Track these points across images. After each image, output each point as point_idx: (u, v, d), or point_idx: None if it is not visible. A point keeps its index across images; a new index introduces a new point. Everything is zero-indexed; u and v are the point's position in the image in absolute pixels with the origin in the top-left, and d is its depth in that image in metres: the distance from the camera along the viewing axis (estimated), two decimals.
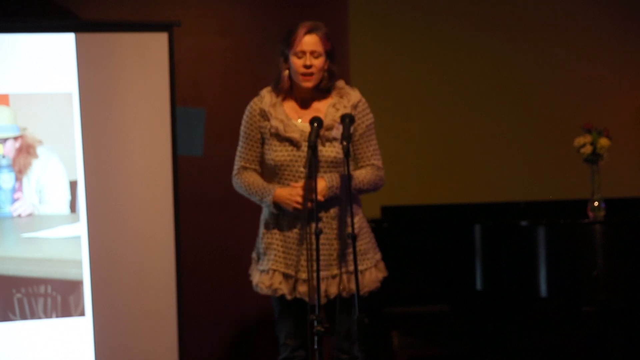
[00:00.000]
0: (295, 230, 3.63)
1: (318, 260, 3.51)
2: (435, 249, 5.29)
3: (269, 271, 3.68)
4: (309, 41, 3.57)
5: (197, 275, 5.17)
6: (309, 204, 3.53)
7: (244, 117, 3.74)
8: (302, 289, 3.62)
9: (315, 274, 3.51)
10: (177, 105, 4.67)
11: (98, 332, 4.50)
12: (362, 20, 5.97)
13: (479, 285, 5.15)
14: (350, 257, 3.62)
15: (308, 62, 3.57)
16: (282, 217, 3.66)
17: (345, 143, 3.48)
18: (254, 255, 3.82)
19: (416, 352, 5.73)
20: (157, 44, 4.59)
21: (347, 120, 3.56)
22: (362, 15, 5.97)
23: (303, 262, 3.62)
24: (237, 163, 3.76)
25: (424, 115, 6.16)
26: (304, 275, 3.62)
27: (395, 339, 5.68)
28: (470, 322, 5.74)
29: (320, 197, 3.54)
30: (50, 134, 4.48)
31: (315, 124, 3.54)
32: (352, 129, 3.62)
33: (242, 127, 3.74)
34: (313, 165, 3.52)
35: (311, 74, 3.59)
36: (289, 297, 3.64)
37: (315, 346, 3.41)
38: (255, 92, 3.78)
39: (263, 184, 3.68)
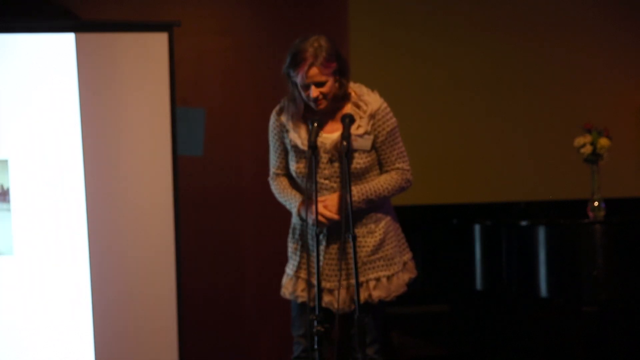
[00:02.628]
0: (320, 239, 3.63)
1: (318, 260, 3.52)
2: (435, 248, 5.29)
3: (293, 277, 3.69)
4: (311, 74, 3.51)
5: (197, 275, 5.17)
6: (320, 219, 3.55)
7: (269, 126, 3.74)
8: (328, 298, 3.61)
9: (343, 283, 3.56)
10: (177, 105, 4.66)
11: (98, 332, 4.50)
12: (362, 20, 5.97)
13: (479, 285, 5.15)
14: (377, 263, 3.63)
15: (313, 95, 3.54)
16: (307, 224, 3.65)
17: (345, 143, 3.48)
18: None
19: (416, 352, 5.74)
20: (157, 44, 4.59)
21: (347, 120, 3.56)
22: (362, 15, 5.96)
23: (328, 272, 3.62)
24: (270, 169, 3.79)
25: (424, 116, 6.15)
26: (328, 285, 3.62)
27: (395, 339, 5.68)
28: (470, 322, 5.74)
29: (336, 216, 3.56)
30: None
31: (315, 124, 3.54)
32: (371, 139, 3.62)
33: (269, 135, 3.75)
34: (313, 165, 3.52)
35: (320, 101, 3.58)
36: (311, 304, 3.62)
37: (315, 346, 3.41)
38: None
39: (290, 193, 3.69)
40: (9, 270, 4.45)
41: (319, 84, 3.53)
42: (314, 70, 3.51)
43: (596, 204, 4.97)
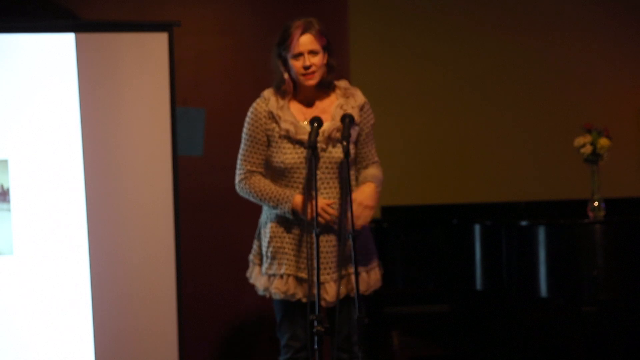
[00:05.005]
0: (306, 233, 3.62)
1: (318, 260, 3.51)
2: (435, 249, 5.29)
3: (283, 276, 3.65)
4: (305, 41, 3.55)
5: (197, 275, 5.17)
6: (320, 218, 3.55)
7: (248, 119, 3.67)
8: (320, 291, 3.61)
9: (334, 276, 3.59)
10: (177, 105, 4.67)
11: (98, 332, 4.50)
12: (362, 20, 5.98)
13: (479, 285, 5.15)
14: (359, 256, 3.63)
15: (307, 63, 3.55)
16: (292, 220, 3.64)
17: (345, 143, 3.49)
18: (252, 257, 3.80)
19: (416, 352, 5.73)
20: (157, 44, 4.59)
21: (347, 120, 3.57)
22: (362, 15, 5.97)
23: (320, 265, 3.62)
24: (242, 167, 3.69)
25: (424, 115, 6.16)
26: (320, 278, 3.59)
27: (395, 339, 5.68)
28: (470, 322, 5.74)
29: (336, 213, 3.59)
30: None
31: (315, 124, 3.54)
32: (357, 130, 3.65)
33: (245, 130, 3.67)
34: (313, 165, 3.52)
35: (312, 73, 3.58)
36: (304, 300, 3.62)
37: (316, 346, 3.41)
38: (255, 92, 3.77)
39: (277, 190, 3.62)
40: (9, 270, 4.45)
41: (312, 52, 3.56)
42: (308, 37, 3.56)
43: (596, 204, 4.97)
